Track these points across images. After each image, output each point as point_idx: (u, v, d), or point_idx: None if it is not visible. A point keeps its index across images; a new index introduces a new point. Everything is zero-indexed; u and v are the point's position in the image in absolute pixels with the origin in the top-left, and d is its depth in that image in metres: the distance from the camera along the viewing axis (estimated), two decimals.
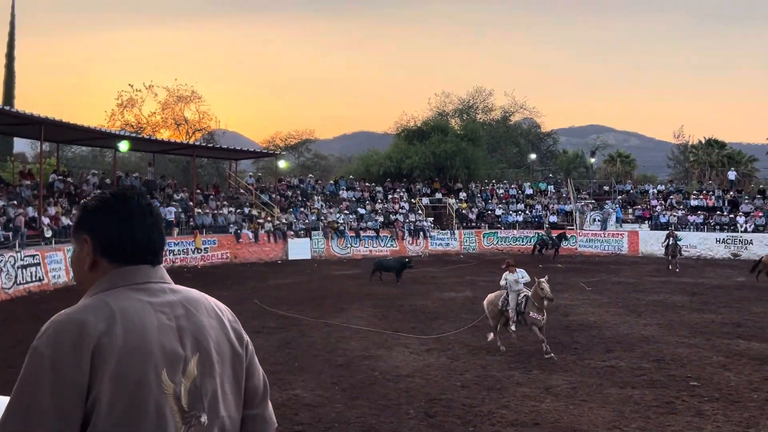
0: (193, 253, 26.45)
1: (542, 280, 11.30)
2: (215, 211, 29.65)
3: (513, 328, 11.83)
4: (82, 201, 2.04)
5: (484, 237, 34.76)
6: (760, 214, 32.46)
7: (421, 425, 7.88)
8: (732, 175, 38.40)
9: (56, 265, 20.03)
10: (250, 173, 40.83)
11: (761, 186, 39.15)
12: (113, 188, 2.27)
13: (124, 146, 25.71)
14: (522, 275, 11.89)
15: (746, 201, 34.09)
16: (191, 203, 29.17)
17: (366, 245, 32.15)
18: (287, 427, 7.77)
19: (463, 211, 36.24)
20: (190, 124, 45.59)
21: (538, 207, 36.44)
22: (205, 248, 26.93)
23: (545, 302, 11.27)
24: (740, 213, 33.00)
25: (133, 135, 31.58)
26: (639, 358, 11.23)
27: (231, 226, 28.97)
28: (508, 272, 11.97)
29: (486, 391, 9.33)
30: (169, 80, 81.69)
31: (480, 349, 11.84)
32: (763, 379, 9.91)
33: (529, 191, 38.63)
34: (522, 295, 11.75)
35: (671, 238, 26.48)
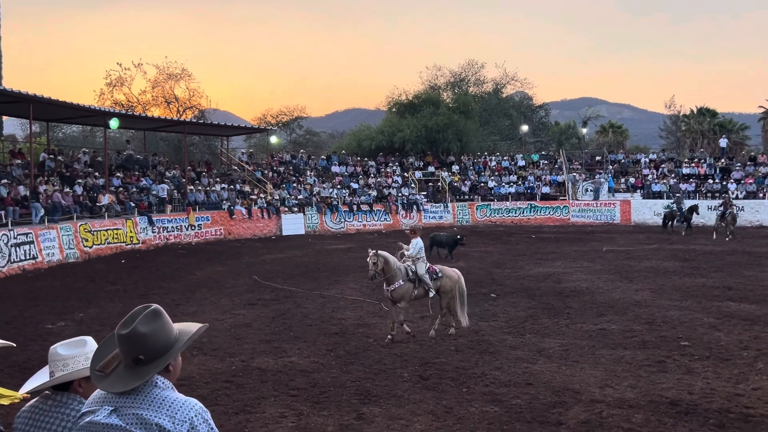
0: (187, 229, 26.45)
1: (372, 252, 10.43)
2: (208, 188, 29.59)
3: (432, 294, 10.97)
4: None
5: (477, 209, 34.88)
6: (751, 180, 32.61)
7: (416, 387, 7.97)
8: (723, 142, 38.40)
9: (49, 243, 19.96)
10: (242, 150, 40.64)
11: (752, 153, 39.25)
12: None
13: (114, 123, 25.51)
14: (414, 245, 11.01)
15: (737, 168, 34.22)
16: (184, 180, 29.08)
17: (360, 220, 32.21)
18: (283, 391, 7.85)
19: (456, 184, 36.29)
20: (181, 102, 45.14)
21: (531, 178, 36.51)
22: (198, 225, 26.92)
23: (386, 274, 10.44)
24: (732, 180, 33.14)
25: (123, 112, 31.32)
26: (631, 321, 11.35)
27: (224, 202, 28.93)
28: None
29: (479, 355, 9.43)
30: (159, 59, 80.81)
31: (473, 316, 11.93)
32: (753, 338, 10.05)
33: (521, 163, 38.67)
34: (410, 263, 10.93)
35: (729, 207, 26.17)
